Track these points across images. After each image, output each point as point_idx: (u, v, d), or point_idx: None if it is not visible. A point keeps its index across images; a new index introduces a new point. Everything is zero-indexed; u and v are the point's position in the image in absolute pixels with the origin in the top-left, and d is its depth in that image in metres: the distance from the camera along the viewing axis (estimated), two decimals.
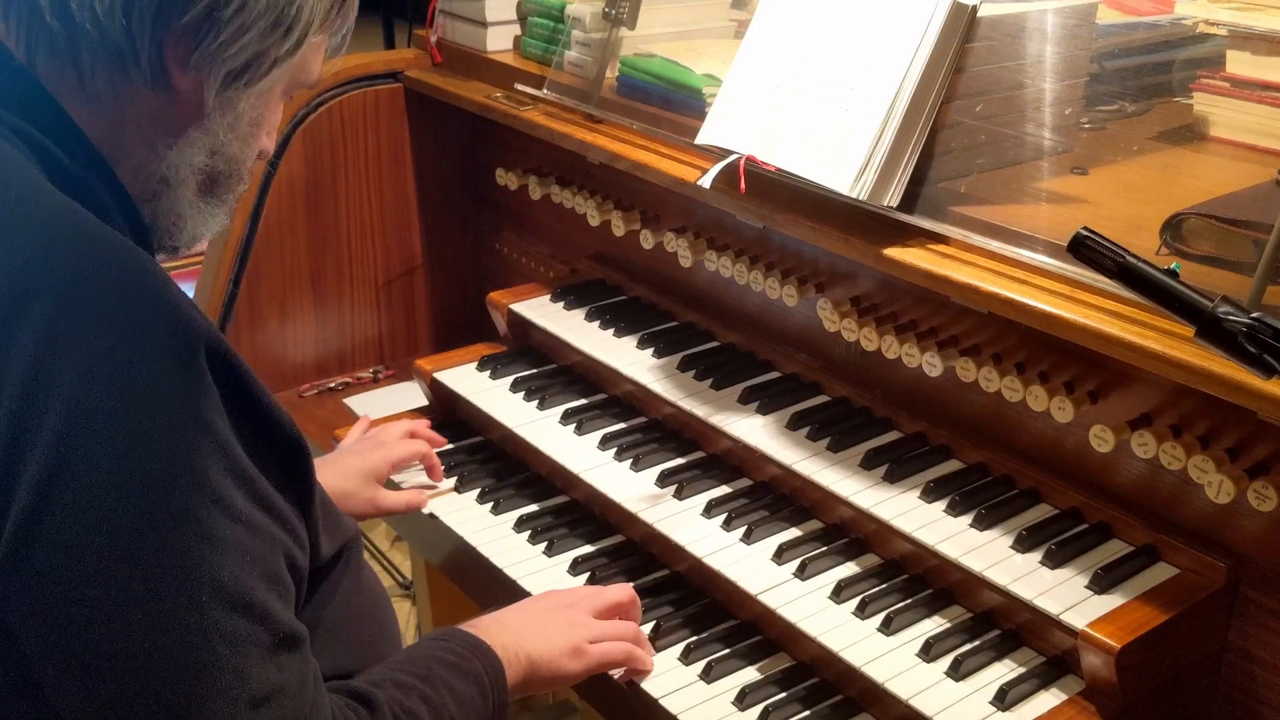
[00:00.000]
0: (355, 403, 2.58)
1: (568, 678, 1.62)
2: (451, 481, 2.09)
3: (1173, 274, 1.16)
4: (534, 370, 2.27)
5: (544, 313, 2.31)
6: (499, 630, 1.57)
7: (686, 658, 1.70)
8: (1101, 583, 1.58)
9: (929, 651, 1.60)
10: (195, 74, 1.23)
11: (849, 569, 1.76)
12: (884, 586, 1.72)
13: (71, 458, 1.08)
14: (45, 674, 1.12)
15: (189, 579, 1.10)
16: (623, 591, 1.72)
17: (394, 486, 2.04)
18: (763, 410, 1.97)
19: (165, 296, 1.15)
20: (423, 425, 2.13)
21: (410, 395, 2.44)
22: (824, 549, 1.79)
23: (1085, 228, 1.20)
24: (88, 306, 1.11)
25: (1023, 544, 1.66)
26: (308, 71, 1.34)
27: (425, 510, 2.02)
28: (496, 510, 2.02)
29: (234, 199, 1.37)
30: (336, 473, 1.89)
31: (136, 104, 1.25)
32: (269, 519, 1.20)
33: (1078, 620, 1.53)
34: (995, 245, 1.68)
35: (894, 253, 1.73)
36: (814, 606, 1.69)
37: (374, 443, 2.02)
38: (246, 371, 1.19)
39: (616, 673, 1.67)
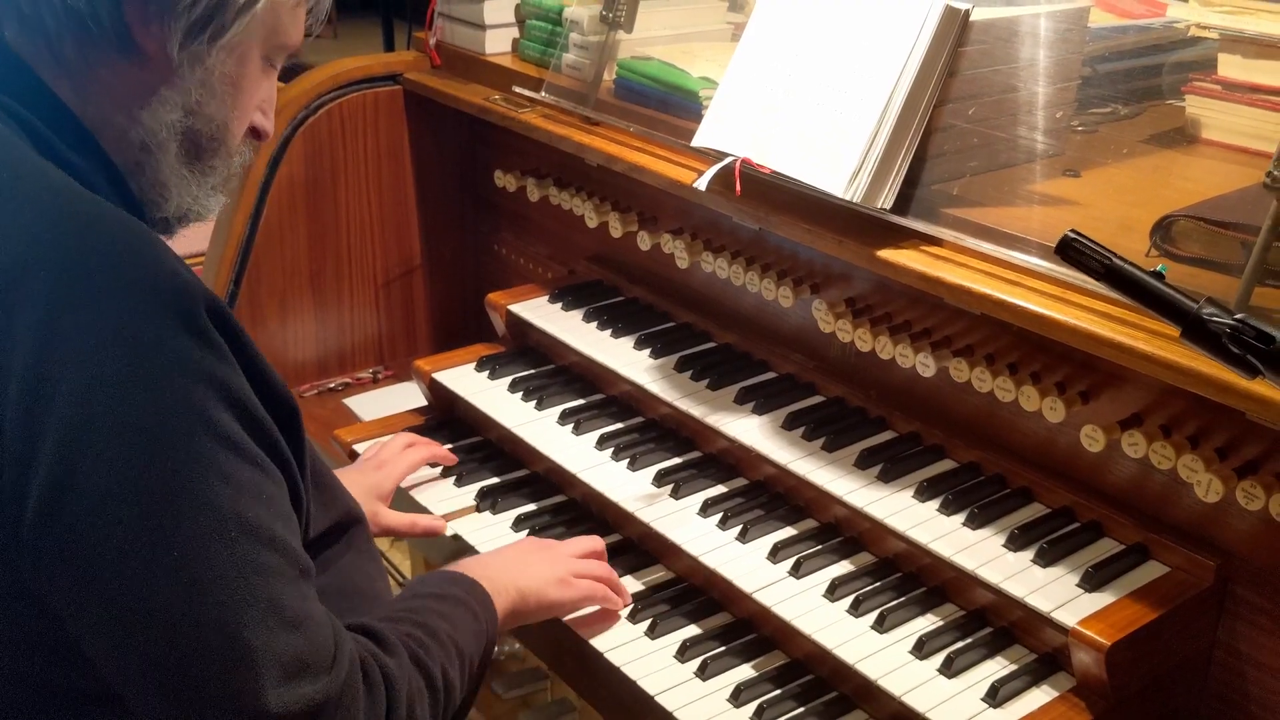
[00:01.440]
0: (355, 403, 2.60)
1: (556, 606, 1.69)
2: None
3: (1159, 275, 1.18)
4: (532, 370, 2.28)
5: (542, 313, 2.33)
6: (480, 569, 1.63)
7: (682, 655, 1.71)
8: (1092, 581, 1.60)
9: (922, 649, 1.62)
10: (158, 29, 1.23)
11: (843, 567, 1.78)
12: (877, 585, 1.73)
13: (90, 422, 1.11)
14: (84, 629, 1.15)
15: (217, 517, 1.14)
16: (591, 541, 1.82)
17: (405, 498, 2.05)
18: (758, 410, 1.99)
19: (162, 260, 1.18)
20: (418, 437, 2.13)
21: (409, 395, 2.46)
22: (818, 548, 1.80)
23: (1073, 230, 1.21)
24: (88, 276, 1.14)
25: (1015, 543, 1.68)
26: (283, 34, 1.34)
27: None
28: (495, 509, 2.04)
29: (223, 169, 1.37)
30: None
31: (108, 70, 1.26)
32: (276, 463, 1.24)
33: (1068, 618, 1.54)
34: (988, 247, 1.70)
35: (888, 254, 1.75)
36: (808, 604, 1.70)
37: (376, 462, 2.02)
38: (243, 331, 1.23)
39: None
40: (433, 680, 1.37)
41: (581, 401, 2.19)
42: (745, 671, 1.71)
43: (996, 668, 1.61)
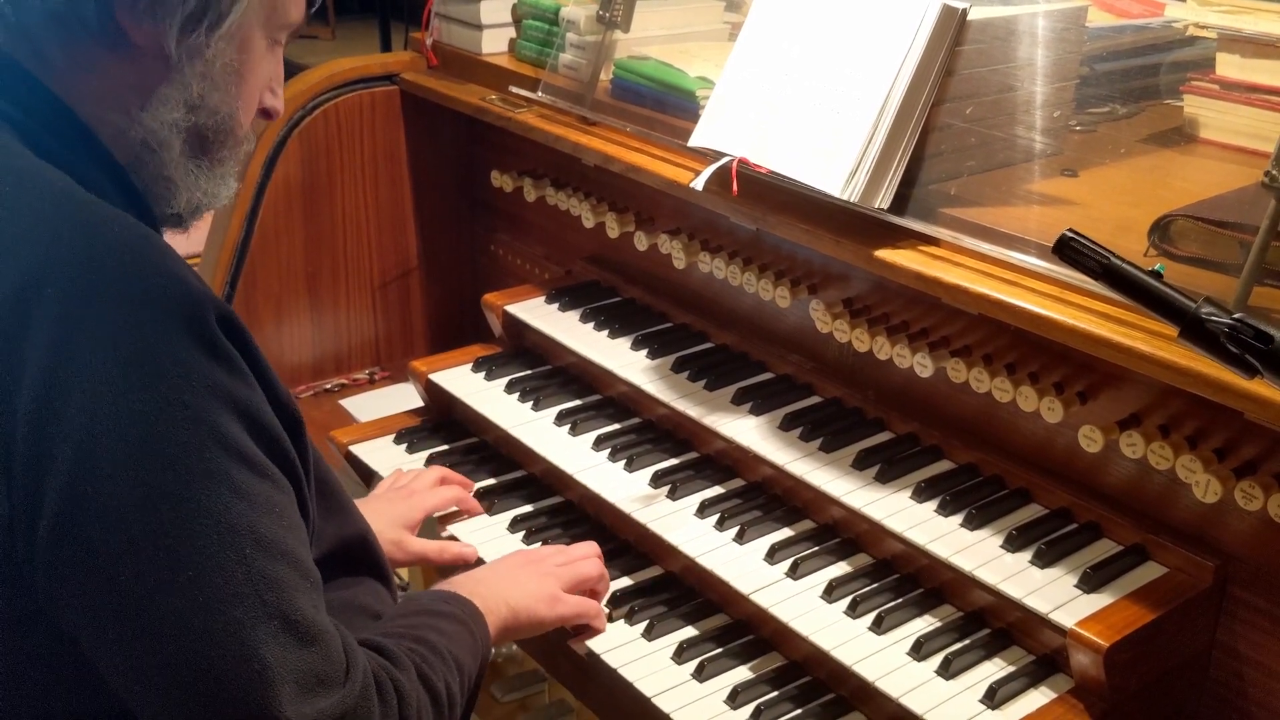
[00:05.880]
0: (351, 404, 2.59)
1: (545, 623, 1.68)
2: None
3: (1157, 275, 1.17)
4: (529, 371, 2.28)
5: (539, 314, 2.32)
6: (473, 585, 1.62)
7: (679, 656, 1.71)
8: (1090, 582, 1.59)
9: (919, 650, 1.61)
10: (151, 26, 1.20)
11: (840, 568, 1.78)
12: (875, 586, 1.73)
13: (102, 439, 1.10)
14: (100, 648, 1.14)
15: (230, 533, 1.14)
16: (587, 547, 1.81)
17: (432, 529, 2.02)
18: (756, 411, 1.98)
19: (171, 270, 1.16)
20: (451, 473, 2.07)
21: (406, 396, 2.45)
22: (816, 549, 1.80)
23: (1070, 229, 1.21)
24: (97, 290, 1.13)
25: (1013, 544, 1.67)
26: (284, 11, 1.30)
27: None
28: (491, 511, 2.03)
29: (234, 159, 1.34)
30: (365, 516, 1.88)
31: (100, 73, 1.23)
32: (285, 474, 1.23)
33: (1066, 619, 1.54)
34: (985, 247, 1.70)
35: (885, 254, 1.74)
36: (806, 606, 1.70)
37: (405, 491, 1.98)
38: (253, 339, 1.23)
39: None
40: (437, 694, 1.37)
41: (578, 402, 2.18)
42: (743, 673, 1.70)
43: (994, 669, 1.61)
